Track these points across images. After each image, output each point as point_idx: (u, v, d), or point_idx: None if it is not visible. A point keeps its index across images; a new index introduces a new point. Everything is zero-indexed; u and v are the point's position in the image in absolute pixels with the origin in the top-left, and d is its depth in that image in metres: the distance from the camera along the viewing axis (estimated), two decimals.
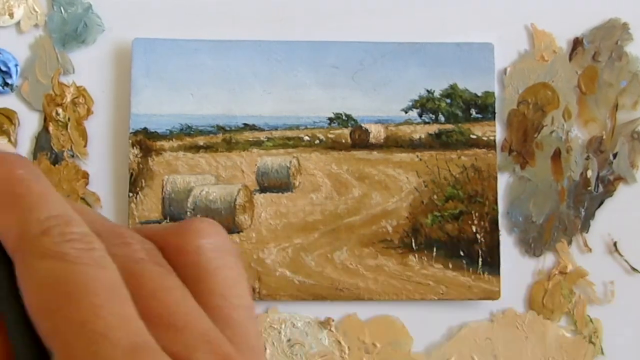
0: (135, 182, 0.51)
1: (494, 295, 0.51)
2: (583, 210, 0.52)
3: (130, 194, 0.51)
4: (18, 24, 0.53)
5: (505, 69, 0.53)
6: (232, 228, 0.51)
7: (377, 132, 0.53)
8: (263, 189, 0.52)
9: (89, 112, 0.53)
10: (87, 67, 0.53)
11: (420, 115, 0.52)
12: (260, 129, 0.52)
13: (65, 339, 0.17)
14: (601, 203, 0.52)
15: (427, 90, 0.52)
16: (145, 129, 0.51)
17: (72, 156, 0.52)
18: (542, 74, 0.53)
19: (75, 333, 0.17)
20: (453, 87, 0.52)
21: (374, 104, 0.52)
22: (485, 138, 0.52)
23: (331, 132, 0.52)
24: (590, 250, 0.52)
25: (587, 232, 0.52)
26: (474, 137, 0.52)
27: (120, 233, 0.20)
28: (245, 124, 0.52)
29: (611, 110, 0.53)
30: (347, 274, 0.51)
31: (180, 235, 0.20)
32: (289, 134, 0.52)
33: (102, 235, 0.19)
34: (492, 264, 0.51)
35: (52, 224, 0.19)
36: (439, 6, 0.53)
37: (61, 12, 0.53)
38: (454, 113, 0.52)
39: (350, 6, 0.53)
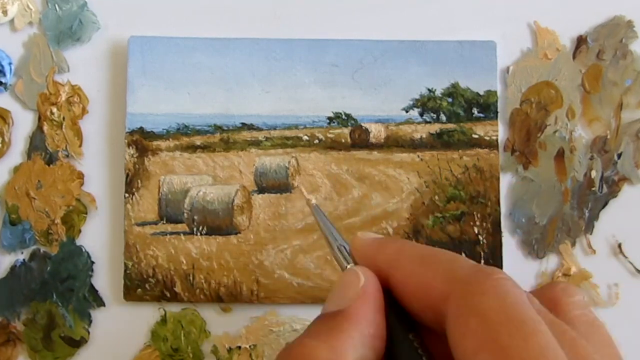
0: (131, 182, 0.50)
1: None
2: (587, 211, 0.51)
3: (126, 195, 0.50)
4: (12, 21, 0.52)
5: (508, 68, 0.52)
6: (230, 229, 0.50)
7: (377, 132, 0.52)
8: (261, 190, 0.51)
9: (84, 111, 0.52)
10: (83, 66, 0.52)
11: (421, 115, 0.52)
12: (259, 129, 0.51)
13: None
14: (605, 204, 0.51)
15: (428, 89, 0.51)
16: (141, 128, 0.51)
17: (67, 156, 0.51)
18: (545, 73, 0.52)
19: None
20: (455, 85, 0.51)
21: (374, 103, 0.51)
22: (487, 138, 0.51)
23: (331, 131, 0.52)
24: (594, 252, 0.51)
25: (591, 234, 0.51)
26: (476, 136, 0.51)
27: None
28: (243, 124, 0.51)
29: (616, 110, 0.52)
30: None
31: (562, 293, 0.23)
32: (287, 133, 0.51)
33: None
34: (495, 266, 0.50)
35: (478, 265, 0.22)
36: (441, 3, 0.53)
37: (56, 10, 0.52)
38: (456, 112, 0.52)
39: (349, 4, 0.53)
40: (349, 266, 0.25)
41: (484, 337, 0.18)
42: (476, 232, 0.50)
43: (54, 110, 0.51)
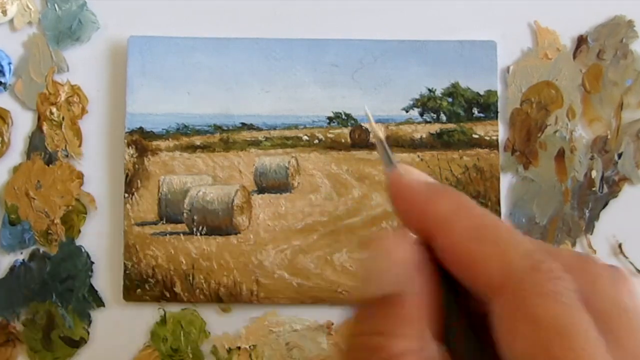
0: (131, 182, 0.50)
1: None
2: (587, 211, 0.51)
3: (126, 195, 0.50)
4: (11, 21, 0.52)
5: (508, 67, 0.52)
6: (230, 229, 0.50)
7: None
8: (261, 190, 0.51)
9: (83, 111, 0.52)
10: (82, 66, 0.52)
11: (421, 115, 0.52)
12: (258, 129, 0.51)
13: None
14: (606, 204, 0.51)
15: (429, 89, 0.51)
16: (141, 128, 0.50)
17: (67, 156, 0.51)
18: (546, 73, 0.52)
19: None
20: (455, 85, 0.51)
21: (374, 102, 0.51)
22: (487, 138, 0.51)
23: (330, 131, 0.51)
24: (594, 252, 0.51)
25: (591, 234, 0.51)
26: (476, 136, 0.51)
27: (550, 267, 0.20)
28: (242, 124, 0.51)
29: (616, 110, 0.52)
30: (347, 276, 0.50)
31: (616, 283, 0.21)
32: (287, 133, 0.51)
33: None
34: None
35: (537, 258, 0.19)
36: (441, 3, 0.53)
37: (55, 10, 0.52)
38: (456, 112, 0.51)
39: (349, 4, 0.53)
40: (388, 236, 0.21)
41: (534, 343, 0.18)
42: None
43: (54, 110, 0.51)
